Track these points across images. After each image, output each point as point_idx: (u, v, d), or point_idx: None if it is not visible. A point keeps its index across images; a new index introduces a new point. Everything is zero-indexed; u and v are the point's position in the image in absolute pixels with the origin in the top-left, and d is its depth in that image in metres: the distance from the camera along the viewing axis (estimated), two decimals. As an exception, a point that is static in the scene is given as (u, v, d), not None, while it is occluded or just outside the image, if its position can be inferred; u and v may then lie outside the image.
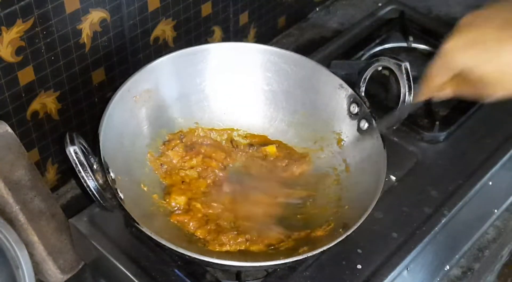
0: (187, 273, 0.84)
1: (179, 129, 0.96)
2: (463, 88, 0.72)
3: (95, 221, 0.89)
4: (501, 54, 0.66)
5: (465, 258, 0.97)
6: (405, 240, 0.90)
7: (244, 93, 0.99)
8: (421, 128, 1.05)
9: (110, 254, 0.86)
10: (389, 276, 0.86)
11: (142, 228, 0.75)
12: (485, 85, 0.69)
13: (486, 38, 0.67)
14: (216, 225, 0.86)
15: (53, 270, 0.90)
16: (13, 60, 0.85)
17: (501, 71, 0.67)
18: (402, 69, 0.87)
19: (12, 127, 0.88)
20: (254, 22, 1.23)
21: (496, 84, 0.68)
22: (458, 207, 0.95)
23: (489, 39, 0.67)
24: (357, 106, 0.92)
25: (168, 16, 1.04)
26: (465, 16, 0.70)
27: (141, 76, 0.90)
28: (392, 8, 1.30)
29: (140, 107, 0.91)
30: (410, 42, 1.20)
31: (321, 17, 1.39)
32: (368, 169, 0.88)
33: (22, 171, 0.87)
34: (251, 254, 0.83)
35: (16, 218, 0.86)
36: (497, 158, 1.02)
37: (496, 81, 0.68)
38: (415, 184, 0.98)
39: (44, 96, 0.92)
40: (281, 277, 0.84)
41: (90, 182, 0.76)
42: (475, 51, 0.67)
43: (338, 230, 0.81)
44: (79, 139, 0.77)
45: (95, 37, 0.94)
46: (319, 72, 0.96)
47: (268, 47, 0.98)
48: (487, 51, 0.67)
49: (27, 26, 0.83)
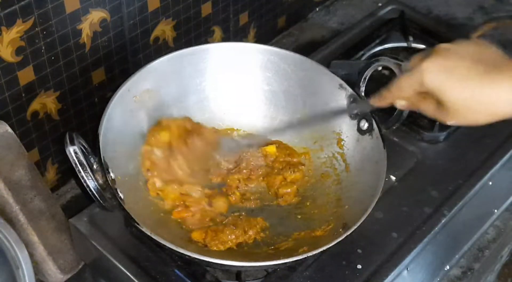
0: (187, 273, 0.84)
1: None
2: (422, 105, 0.75)
3: (95, 221, 0.89)
4: (472, 87, 0.69)
5: (465, 258, 0.97)
6: (405, 240, 0.90)
7: (244, 93, 0.99)
8: (421, 128, 1.05)
9: (110, 254, 0.86)
10: (389, 276, 0.86)
11: (142, 228, 0.75)
12: (446, 111, 0.71)
13: (462, 68, 0.70)
14: (212, 221, 0.86)
15: (53, 270, 0.90)
16: (13, 60, 0.85)
17: (466, 103, 0.69)
18: (402, 69, 0.87)
19: (12, 127, 0.88)
20: (254, 22, 1.23)
21: (457, 113, 0.71)
22: (458, 207, 0.95)
23: (465, 69, 0.70)
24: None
25: (168, 16, 1.04)
26: (442, 44, 0.73)
27: (141, 76, 0.90)
28: (392, 8, 1.30)
29: (140, 107, 0.91)
30: (410, 42, 1.20)
31: (321, 17, 1.39)
32: (368, 169, 0.88)
33: (22, 171, 0.87)
34: (251, 254, 0.83)
35: (16, 218, 0.86)
36: (497, 158, 1.02)
37: (458, 110, 0.70)
38: (415, 184, 0.98)
39: (44, 96, 0.92)
40: (281, 277, 0.84)
41: (90, 182, 0.76)
42: (449, 76, 0.70)
43: (338, 230, 0.81)
44: (79, 139, 0.77)
45: (95, 37, 0.94)
46: (319, 72, 0.96)
47: (268, 47, 0.98)
48: (460, 80, 0.69)
49: (27, 26, 0.83)
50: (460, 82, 0.69)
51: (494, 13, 1.40)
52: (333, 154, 0.95)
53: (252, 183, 0.93)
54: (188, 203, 0.87)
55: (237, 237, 0.84)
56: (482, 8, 1.41)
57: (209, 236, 0.83)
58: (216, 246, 0.83)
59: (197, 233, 0.84)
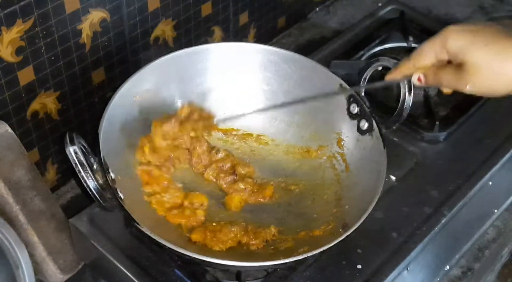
0: (187, 273, 0.84)
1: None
2: (440, 73, 0.74)
3: (95, 221, 0.89)
4: (496, 50, 0.69)
5: (465, 258, 0.97)
6: (405, 240, 0.90)
7: (244, 93, 0.99)
8: (421, 128, 1.05)
9: (110, 254, 0.86)
10: (389, 276, 0.86)
11: (142, 228, 0.75)
12: (466, 76, 0.71)
13: (488, 31, 0.71)
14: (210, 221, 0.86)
15: (53, 270, 0.90)
16: (13, 60, 0.85)
17: (489, 66, 0.70)
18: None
19: (12, 127, 0.88)
20: (254, 22, 1.23)
21: (478, 78, 0.71)
22: (458, 207, 0.95)
23: (490, 33, 0.71)
24: (357, 106, 0.92)
25: (168, 16, 1.04)
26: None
27: (141, 76, 0.90)
28: (392, 8, 1.30)
29: (140, 107, 0.91)
30: (410, 42, 1.20)
31: (321, 17, 1.39)
32: (368, 169, 0.88)
33: (22, 171, 0.87)
34: (251, 253, 0.83)
35: (16, 218, 0.86)
36: (497, 158, 1.02)
37: (479, 75, 0.70)
38: (415, 184, 0.98)
39: (44, 96, 0.92)
40: (281, 277, 0.84)
41: (90, 182, 0.76)
42: (474, 38, 0.71)
43: (338, 230, 0.81)
44: (79, 139, 0.77)
45: (95, 37, 0.94)
46: (319, 72, 0.96)
47: (268, 47, 0.98)
48: (485, 42, 0.70)
49: (27, 26, 0.83)
50: (485, 44, 0.69)
51: (494, 13, 1.40)
52: (333, 154, 0.95)
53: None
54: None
55: (235, 235, 0.84)
56: (482, 8, 1.41)
57: (208, 237, 0.83)
58: (217, 246, 0.83)
59: (196, 235, 0.84)
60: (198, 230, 0.84)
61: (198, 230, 0.84)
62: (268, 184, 0.93)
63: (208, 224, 0.85)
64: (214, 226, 0.85)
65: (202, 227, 0.85)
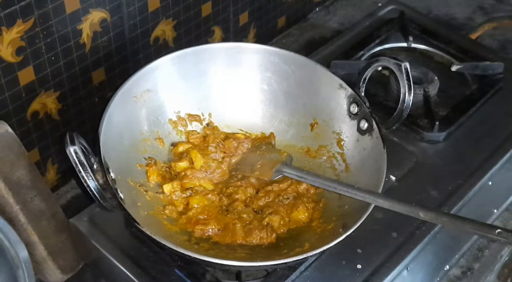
0: (187, 273, 0.84)
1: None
2: None
3: (95, 221, 0.89)
4: None
5: (465, 258, 0.97)
6: (405, 240, 0.90)
7: (244, 93, 0.99)
8: (421, 128, 1.05)
9: (110, 254, 0.86)
10: (389, 276, 0.86)
11: (142, 228, 0.75)
12: None
13: None
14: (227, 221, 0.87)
15: (53, 270, 0.90)
16: (13, 60, 0.85)
17: None
18: (402, 69, 0.87)
19: (12, 127, 0.88)
20: (254, 22, 1.23)
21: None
22: (458, 207, 0.95)
23: None
24: (357, 106, 0.92)
25: (168, 16, 1.04)
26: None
27: (141, 76, 0.90)
28: (392, 8, 1.30)
29: (140, 107, 0.91)
30: (410, 42, 1.20)
31: (321, 17, 1.39)
32: (368, 169, 0.88)
33: (22, 171, 0.87)
34: (251, 254, 0.83)
35: (16, 218, 0.86)
36: (497, 158, 1.03)
37: None
38: (415, 184, 0.98)
39: (44, 96, 0.92)
40: (281, 277, 0.84)
41: (90, 182, 0.76)
42: None
43: (338, 230, 0.81)
44: (79, 139, 0.77)
45: (95, 37, 0.94)
46: (319, 72, 0.96)
47: (268, 47, 0.98)
48: None
49: (27, 26, 0.83)
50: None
51: (494, 13, 1.40)
52: (333, 154, 0.95)
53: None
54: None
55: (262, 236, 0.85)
56: (482, 8, 1.41)
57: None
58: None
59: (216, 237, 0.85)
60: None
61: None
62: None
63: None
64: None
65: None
